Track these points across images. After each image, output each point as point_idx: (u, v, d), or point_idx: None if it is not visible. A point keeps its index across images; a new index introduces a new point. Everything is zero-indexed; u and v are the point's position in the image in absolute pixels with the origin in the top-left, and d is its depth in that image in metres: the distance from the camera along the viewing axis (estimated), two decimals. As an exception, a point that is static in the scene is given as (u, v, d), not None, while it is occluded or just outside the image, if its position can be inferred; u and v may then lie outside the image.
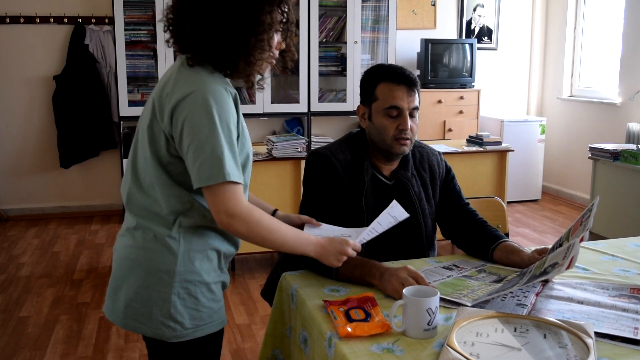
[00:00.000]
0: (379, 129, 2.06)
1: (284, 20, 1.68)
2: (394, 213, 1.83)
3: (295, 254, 1.73)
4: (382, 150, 2.09)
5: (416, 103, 2.05)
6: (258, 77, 1.74)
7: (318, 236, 1.75)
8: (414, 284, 1.67)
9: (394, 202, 1.85)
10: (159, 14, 5.46)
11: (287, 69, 1.79)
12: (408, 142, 2.06)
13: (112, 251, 1.78)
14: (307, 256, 1.74)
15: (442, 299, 1.64)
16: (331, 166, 2.06)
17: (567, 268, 1.55)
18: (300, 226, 1.90)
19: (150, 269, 1.64)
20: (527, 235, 5.36)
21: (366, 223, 2.02)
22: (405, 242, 2.12)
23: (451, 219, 2.21)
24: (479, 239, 2.10)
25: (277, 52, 1.71)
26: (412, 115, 2.05)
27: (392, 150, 2.07)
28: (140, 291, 1.65)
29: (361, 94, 2.14)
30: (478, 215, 2.19)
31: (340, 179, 2.05)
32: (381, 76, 2.06)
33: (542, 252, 1.92)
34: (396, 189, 2.13)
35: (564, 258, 1.59)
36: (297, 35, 5.83)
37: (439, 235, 2.28)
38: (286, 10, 1.67)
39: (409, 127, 2.03)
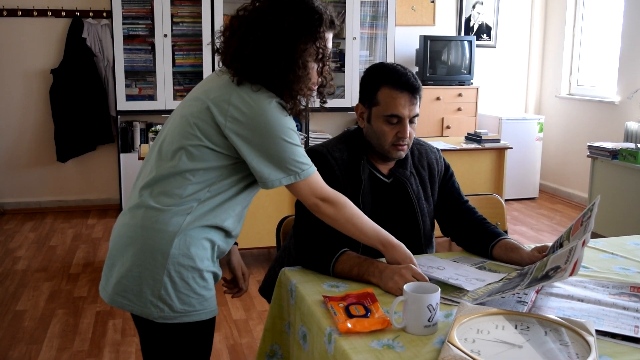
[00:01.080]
0: (378, 134, 2.04)
1: (320, 56, 1.74)
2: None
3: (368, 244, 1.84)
4: (379, 152, 2.09)
5: (417, 111, 2.02)
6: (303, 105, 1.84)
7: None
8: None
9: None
10: (157, 9, 5.45)
11: (325, 102, 1.88)
12: (405, 147, 2.04)
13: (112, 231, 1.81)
14: (316, 254, 1.91)
15: (442, 296, 1.64)
16: (327, 164, 2.05)
17: (571, 274, 1.52)
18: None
19: (146, 248, 1.66)
20: (524, 233, 5.37)
21: None
22: (403, 241, 2.10)
23: (450, 217, 2.20)
24: (479, 236, 2.09)
25: (315, 85, 1.79)
26: (411, 122, 2.03)
27: (389, 155, 2.06)
28: (133, 269, 1.67)
29: (361, 93, 2.11)
30: (477, 213, 2.18)
31: (337, 176, 2.04)
32: (384, 79, 2.01)
33: (541, 250, 1.91)
34: (394, 188, 2.12)
35: (566, 262, 1.57)
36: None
37: (437, 232, 2.27)
38: (322, 45, 1.72)
39: (408, 134, 2.01)
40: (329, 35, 1.77)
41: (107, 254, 1.77)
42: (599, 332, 1.47)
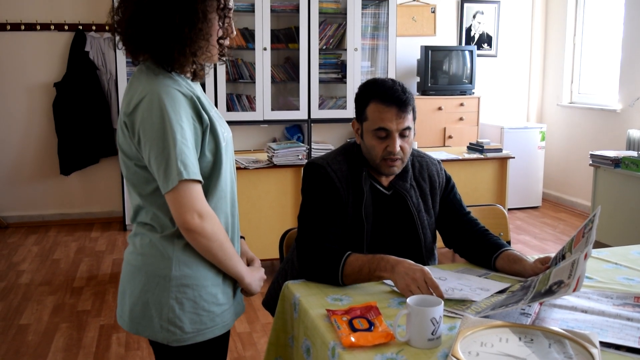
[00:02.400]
0: (369, 149, 2.05)
1: (221, 7, 1.65)
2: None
3: (231, 270, 1.70)
4: (373, 167, 2.10)
5: (407, 124, 2.01)
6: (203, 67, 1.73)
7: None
8: (426, 292, 1.68)
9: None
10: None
11: (223, 57, 1.74)
12: (398, 162, 2.04)
13: None
14: (321, 263, 1.88)
15: (445, 309, 1.64)
16: (327, 176, 2.06)
17: (574, 290, 1.51)
18: None
19: (149, 274, 1.66)
20: (527, 242, 5.36)
21: (365, 233, 2.03)
22: (404, 252, 2.10)
23: (453, 229, 2.20)
24: (481, 248, 2.09)
25: (215, 42, 1.68)
26: (403, 135, 2.02)
27: (381, 170, 2.07)
28: (141, 296, 1.67)
29: (355, 110, 2.13)
30: (480, 224, 2.19)
31: (337, 189, 2.05)
32: (373, 95, 2.03)
33: (544, 262, 1.91)
34: (395, 200, 2.12)
35: (569, 277, 1.56)
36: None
37: (439, 243, 2.27)
38: None
39: (397, 149, 2.00)
40: None
41: (120, 282, 1.78)
42: (603, 343, 1.47)
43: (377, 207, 2.09)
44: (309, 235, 1.98)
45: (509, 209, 6.27)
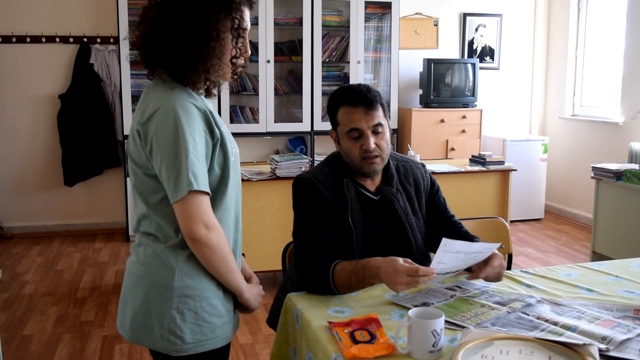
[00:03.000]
0: (346, 152, 2.11)
1: (236, 26, 1.69)
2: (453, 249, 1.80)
3: (231, 284, 1.73)
4: (356, 170, 2.13)
5: (378, 120, 2.07)
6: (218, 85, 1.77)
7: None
8: (414, 281, 1.70)
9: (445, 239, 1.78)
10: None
11: (236, 76, 1.79)
12: (377, 159, 2.08)
13: None
14: (316, 276, 1.87)
15: (446, 321, 1.65)
16: (315, 189, 2.09)
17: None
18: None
19: (151, 284, 1.68)
20: (530, 254, 5.36)
21: (355, 239, 2.06)
22: (396, 256, 2.14)
23: (436, 231, 2.23)
24: None
25: (228, 61, 1.71)
26: (376, 132, 2.07)
27: (363, 170, 2.11)
28: (143, 305, 1.69)
29: (329, 120, 2.19)
30: (463, 227, 2.24)
31: (325, 198, 2.08)
32: (340, 100, 2.10)
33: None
34: (382, 204, 2.16)
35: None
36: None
37: None
38: (237, 17, 1.68)
39: (372, 146, 2.05)
40: (246, 10, 1.73)
41: (121, 291, 1.79)
42: (603, 356, 1.48)
43: (365, 213, 2.12)
44: (304, 249, 2.01)
45: (512, 221, 6.28)
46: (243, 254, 1.92)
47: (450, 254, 1.78)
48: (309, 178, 2.12)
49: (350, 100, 2.07)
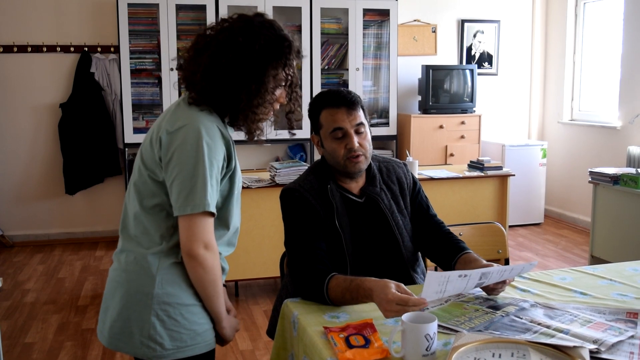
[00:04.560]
0: (331, 153, 2.15)
1: (289, 82, 1.78)
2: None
3: (213, 308, 1.77)
4: (341, 172, 2.17)
5: (359, 120, 2.12)
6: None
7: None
8: (404, 310, 1.64)
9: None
10: (164, 43, 5.55)
11: (293, 127, 1.90)
12: (361, 158, 2.13)
13: None
14: (310, 285, 1.91)
15: (439, 325, 1.67)
16: (302, 197, 2.12)
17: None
18: None
19: (131, 291, 1.72)
20: (529, 259, 5.37)
21: (344, 243, 2.09)
22: (385, 256, 2.18)
23: (420, 229, 2.27)
24: (445, 250, 2.18)
25: (277, 108, 1.80)
26: (358, 132, 2.12)
27: (348, 169, 2.14)
28: (122, 312, 1.72)
29: (311, 124, 2.24)
30: (445, 227, 2.28)
31: (313, 206, 2.11)
32: (322, 104, 2.16)
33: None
34: (367, 206, 2.19)
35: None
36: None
37: None
38: (290, 72, 1.77)
39: (356, 144, 2.10)
40: (295, 64, 1.80)
41: (102, 298, 1.82)
42: (594, 358, 1.50)
43: (352, 216, 2.16)
44: (298, 258, 2.04)
45: (511, 226, 6.30)
46: (225, 285, 1.94)
47: (450, 284, 1.77)
48: (295, 188, 2.16)
49: (332, 102, 2.13)
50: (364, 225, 2.17)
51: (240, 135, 1.86)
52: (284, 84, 1.77)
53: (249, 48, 1.69)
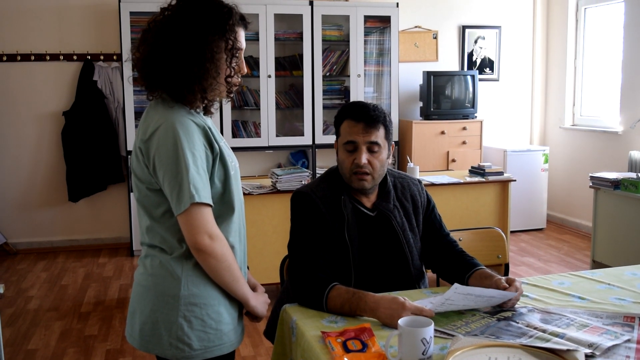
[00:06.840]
0: (340, 164, 2.17)
1: (230, 47, 1.76)
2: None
3: (237, 292, 1.79)
4: (347, 184, 2.17)
5: (374, 138, 2.10)
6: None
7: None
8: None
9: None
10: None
11: (231, 94, 1.85)
12: (367, 177, 2.12)
13: None
14: (309, 292, 1.93)
15: (436, 330, 1.68)
16: (313, 203, 2.13)
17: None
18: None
19: (158, 294, 1.75)
20: (532, 264, 5.37)
21: (351, 255, 2.09)
22: (392, 273, 2.17)
23: (432, 248, 2.26)
24: (457, 267, 2.16)
25: (223, 80, 1.78)
26: (371, 150, 2.11)
27: (352, 184, 2.14)
28: (151, 315, 1.75)
29: (335, 131, 2.25)
30: (458, 246, 2.27)
31: (322, 214, 2.12)
32: (345, 114, 2.17)
33: (509, 282, 1.93)
34: (379, 221, 2.18)
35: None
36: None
37: None
38: (231, 38, 1.75)
39: (364, 161, 2.09)
40: (240, 31, 1.79)
41: (130, 302, 1.86)
42: (589, 362, 1.51)
43: (362, 229, 2.15)
44: (300, 263, 2.05)
45: (514, 231, 6.30)
46: (247, 267, 1.98)
47: (460, 295, 1.80)
48: (308, 192, 2.16)
49: (354, 115, 2.13)
50: (374, 240, 2.16)
51: (241, 142, 1.87)
52: (225, 48, 1.75)
53: (185, 23, 1.70)
